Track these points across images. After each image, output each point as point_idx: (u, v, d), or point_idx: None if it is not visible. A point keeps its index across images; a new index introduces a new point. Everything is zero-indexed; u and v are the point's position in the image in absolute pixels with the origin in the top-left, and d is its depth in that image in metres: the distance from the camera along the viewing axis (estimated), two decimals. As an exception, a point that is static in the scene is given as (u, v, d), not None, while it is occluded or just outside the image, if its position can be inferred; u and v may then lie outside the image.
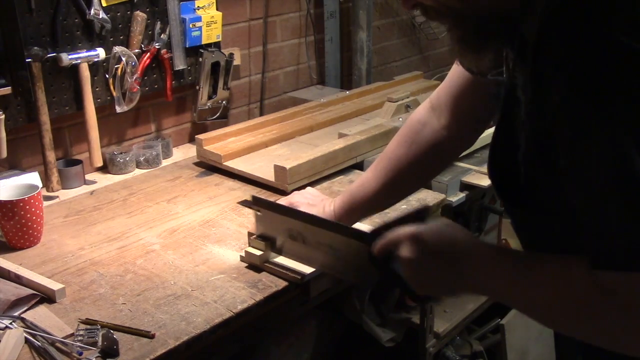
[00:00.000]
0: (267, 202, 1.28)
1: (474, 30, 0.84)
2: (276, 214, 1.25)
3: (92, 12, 1.69)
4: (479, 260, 0.89)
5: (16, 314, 1.16)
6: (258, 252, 1.29)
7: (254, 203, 1.28)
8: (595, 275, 0.77)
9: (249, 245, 1.31)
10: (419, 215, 1.03)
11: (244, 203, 1.33)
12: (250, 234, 1.31)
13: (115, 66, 1.78)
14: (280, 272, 1.27)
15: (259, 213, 1.28)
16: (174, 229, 1.50)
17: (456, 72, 1.16)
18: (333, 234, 1.14)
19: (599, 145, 0.73)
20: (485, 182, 1.69)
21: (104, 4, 1.72)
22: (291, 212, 1.24)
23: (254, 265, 1.30)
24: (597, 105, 0.72)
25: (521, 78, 0.84)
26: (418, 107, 1.28)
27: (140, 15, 1.80)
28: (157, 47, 1.85)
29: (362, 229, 1.37)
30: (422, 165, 1.24)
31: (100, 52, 1.72)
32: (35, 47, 1.60)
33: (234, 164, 1.77)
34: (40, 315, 1.16)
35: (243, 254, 1.33)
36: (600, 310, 0.79)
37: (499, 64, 0.94)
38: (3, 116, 1.57)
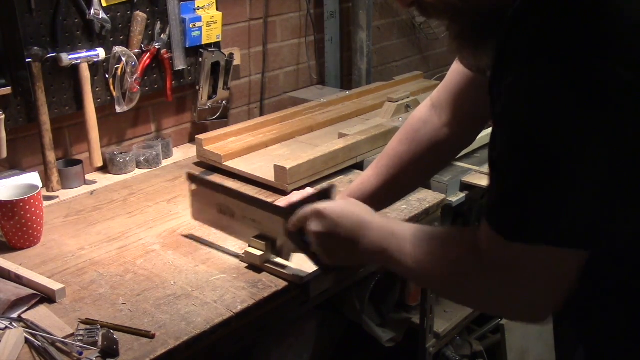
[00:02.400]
0: (200, 178, 1.43)
1: (471, 26, 0.84)
2: (208, 190, 1.38)
3: (92, 12, 1.69)
4: (370, 230, 1.00)
5: (16, 314, 1.16)
6: (258, 253, 1.29)
7: (189, 179, 1.41)
8: (475, 234, 0.83)
9: (249, 246, 1.31)
10: (326, 193, 1.20)
11: (189, 177, 1.43)
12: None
13: (115, 66, 1.78)
14: (280, 272, 1.27)
15: (193, 188, 1.41)
16: (174, 229, 1.50)
17: (456, 71, 1.17)
18: (255, 208, 1.28)
19: (521, 112, 0.74)
20: (485, 182, 1.69)
21: (104, 4, 1.72)
22: (220, 188, 1.37)
23: (254, 265, 1.30)
24: (541, 85, 0.72)
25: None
26: (419, 106, 1.28)
27: (140, 15, 1.80)
28: (157, 47, 1.85)
29: None
30: (423, 163, 1.25)
31: (100, 52, 1.72)
32: (35, 47, 1.60)
33: (234, 164, 1.77)
34: (40, 315, 1.16)
35: (243, 254, 1.33)
36: (470, 267, 0.85)
37: None
38: (3, 116, 1.57)
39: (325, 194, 1.20)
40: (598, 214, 0.73)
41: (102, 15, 1.70)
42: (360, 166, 1.80)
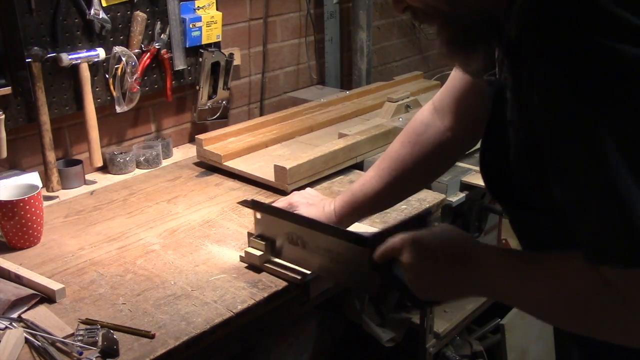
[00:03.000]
0: (267, 206, 1.29)
1: (462, 31, 0.84)
2: (276, 218, 1.25)
3: (92, 12, 1.69)
4: (479, 261, 0.90)
5: (16, 314, 1.16)
6: (258, 253, 1.29)
7: (254, 207, 1.28)
8: (595, 268, 0.77)
9: (249, 246, 1.31)
10: (421, 219, 1.05)
11: (244, 203, 1.33)
12: (250, 234, 1.31)
13: (115, 66, 1.78)
14: (280, 272, 1.27)
15: (258, 217, 1.28)
16: (174, 229, 1.50)
17: (458, 74, 1.17)
18: (333, 239, 1.14)
19: (577, 144, 0.73)
20: (485, 182, 1.69)
21: (104, 4, 1.72)
22: (291, 216, 1.24)
23: (254, 265, 1.30)
24: (574, 105, 0.72)
25: (509, 78, 0.85)
26: (421, 109, 1.28)
27: (140, 15, 1.80)
28: (157, 47, 1.85)
29: (362, 229, 1.38)
30: (425, 166, 1.25)
31: (100, 52, 1.72)
32: (35, 47, 1.60)
33: (234, 164, 1.77)
34: (40, 315, 1.16)
35: (243, 254, 1.33)
36: (602, 302, 0.79)
37: (491, 65, 0.94)
38: (3, 116, 1.57)
39: (418, 221, 1.05)
40: None
41: (102, 15, 1.70)
42: (360, 166, 1.80)
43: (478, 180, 1.70)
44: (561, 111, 0.73)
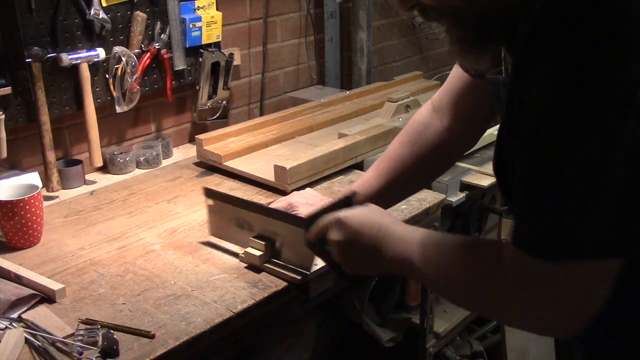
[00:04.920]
0: (218, 193, 1.39)
1: (475, 29, 0.83)
2: (225, 204, 1.36)
3: (92, 12, 1.69)
4: (392, 241, 0.98)
5: (16, 314, 1.16)
6: (257, 253, 1.29)
7: (207, 194, 1.38)
8: (502, 250, 0.82)
9: (249, 246, 1.31)
10: (346, 201, 1.16)
11: (206, 192, 1.40)
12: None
13: (115, 66, 1.78)
14: (280, 272, 1.27)
15: (210, 203, 1.38)
16: (174, 229, 1.50)
17: (457, 74, 1.17)
18: (274, 221, 1.26)
19: (558, 134, 0.73)
20: (485, 182, 1.69)
21: (104, 4, 1.72)
22: (238, 201, 1.34)
23: (254, 265, 1.30)
24: (570, 98, 0.72)
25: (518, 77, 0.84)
26: (420, 109, 1.28)
27: (140, 15, 1.80)
28: (157, 47, 1.85)
29: None
30: (425, 166, 1.25)
31: (100, 52, 1.72)
32: (35, 47, 1.60)
33: (234, 164, 1.77)
34: (40, 315, 1.16)
35: (242, 254, 1.33)
36: (494, 278, 0.83)
37: (497, 64, 0.94)
38: (3, 116, 1.57)
39: (345, 202, 1.16)
40: (631, 219, 0.72)
41: (102, 15, 1.70)
42: (360, 166, 1.80)
43: (478, 180, 1.70)
44: (555, 101, 0.73)
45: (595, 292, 0.76)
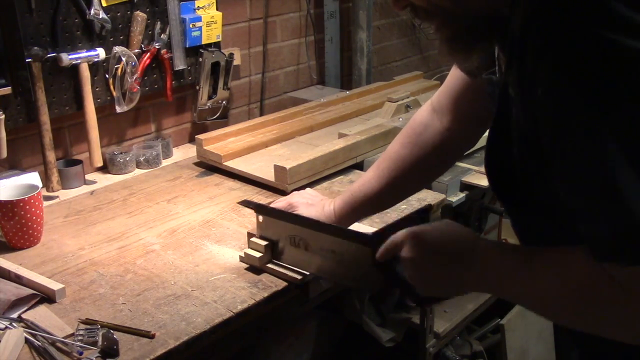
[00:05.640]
0: (270, 209, 1.28)
1: (465, 29, 0.83)
2: (278, 220, 1.25)
3: (92, 12, 1.69)
4: (481, 256, 0.89)
5: (16, 314, 1.16)
6: (258, 254, 1.28)
7: (257, 210, 1.28)
8: (598, 264, 0.77)
9: (248, 247, 1.31)
10: (421, 215, 1.04)
11: (244, 203, 1.33)
12: (250, 234, 1.31)
13: (115, 66, 1.78)
14: (280, 272, 1.27)
15: (260, 220, 1.27)
16: (174, 229, 1.50)
17: (455, 74, 1.17)
18: (335, 239, 1.13)
19: (578, 140, 0.73)
20: (485, 182, 1.69)
21: (104, 4, 1.72)
22: (293, 218, 1.24)
23: (254, 266, 1.30)
24: (578, 99, 0.72)
25: (512, 75, 0.84)
26: (420, 109, 1.28)
27: (140, 15, 1.80)
28: (157, 47, 1.85)
29: (362, 229, 1.38)
30: (425, 166, 1.25)
31: (100, 52, 1.72)
32: (35, 47, 1.60)
33: (234, 164, 1.77)
34: (40, 315, 1.16)
35: (242, 255, 1.32)
36: (605, 298, 0.78)
37: (492, 64, 0.94)
38: (3, 116, 1.57)
39: (419, 217, 1.05)
40: None
41: (102, 15, 1.70)
42: (360, 166, 1.80)
43: (478, 180, 1.70)
44: (564, 105, 0.73)
45: None
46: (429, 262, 0.92)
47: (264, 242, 1.28)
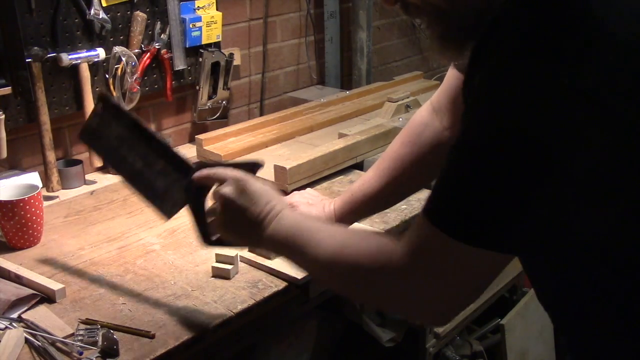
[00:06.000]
0: (115, 105, 1.21)
1: (456, 26, 0.83)
2: (115, 119, 1.18)
3: (92, 12, 1.69)
4: (286, 219, 0.96)
5: (16, 314, 1.16)
6: (228, 267, 1.27)
7: (101, 100, 1.23)
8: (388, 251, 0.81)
9: (216, 260, 1.29)
10: (252, 167, 1.10)
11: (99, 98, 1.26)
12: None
13: (115, 66, 1.78)
14: (280, 272, 1.27)
15: (99, 109, 1.22)
16: (174, 229, 1.49)
17: (454, 73, 1.17)
18: (152, 150, 1.13)
19: (477, 130, 0.74)
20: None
21: (104, 4, 1.72)
22: (132, 122, 1.17)
23: (225, 278, 1.28)
24: (482, 127, 0.73)
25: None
26: (419, 109, 1.28)
27: (140, 15, 1.80)
28: (157, 47, 1.85)
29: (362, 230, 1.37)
30: (425, 166, 1.25)
31: (100, 52, 1.72)
32: (35, 47, 1.60)
33: (234, 164, 1.77)
34: (40, 315, 1.16)
35: (212, 268, 1.30)
36: (390, 270, 0.81)
37: None
38: (3, 116, 1.57)
39: (249, 168, 1.09)
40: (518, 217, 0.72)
41: (102, 15, 1.71)
42: (360, 166, 1.80)
43: (478, 180, 1.69)
44: (474, 119, 0.74)
45: (475, 279, 0.78)
46: (239, 208, 0.98)
47: (233, 253, 1.27)
